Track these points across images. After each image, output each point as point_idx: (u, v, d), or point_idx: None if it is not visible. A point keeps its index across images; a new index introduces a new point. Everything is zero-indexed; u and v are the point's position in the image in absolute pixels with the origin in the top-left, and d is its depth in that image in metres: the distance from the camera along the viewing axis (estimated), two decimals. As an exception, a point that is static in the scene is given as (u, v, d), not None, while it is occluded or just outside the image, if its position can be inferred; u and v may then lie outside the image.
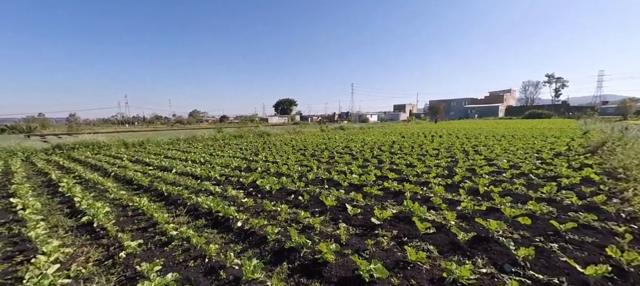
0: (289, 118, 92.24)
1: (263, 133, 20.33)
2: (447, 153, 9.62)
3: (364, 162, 8.33)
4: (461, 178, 5.87)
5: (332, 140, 15.82)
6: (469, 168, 6.96)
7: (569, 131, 17.46)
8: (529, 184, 5.43)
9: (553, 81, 78.78)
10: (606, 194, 4.70)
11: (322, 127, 27.99)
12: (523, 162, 7.38)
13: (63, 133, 34.41)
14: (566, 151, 9.16)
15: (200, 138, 16.50)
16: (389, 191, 5.17)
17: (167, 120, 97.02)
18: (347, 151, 10.76)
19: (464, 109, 75.56)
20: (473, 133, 18.63)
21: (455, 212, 3.93)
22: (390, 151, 10.50)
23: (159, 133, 28.20)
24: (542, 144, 11.19)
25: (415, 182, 5.73)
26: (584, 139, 12.28)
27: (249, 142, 15.52)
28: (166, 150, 12.42)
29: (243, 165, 8.01)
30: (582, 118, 31.71)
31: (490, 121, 42.89)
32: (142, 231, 3.49)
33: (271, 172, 6.92)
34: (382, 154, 9.53)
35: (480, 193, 4.88)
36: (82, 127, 49.25)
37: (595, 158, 7.76)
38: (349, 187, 5.51)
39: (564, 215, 3.84)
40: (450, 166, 7.31)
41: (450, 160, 8.22)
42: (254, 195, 5.13)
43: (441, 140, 14.29)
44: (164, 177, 6.49)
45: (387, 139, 15.40)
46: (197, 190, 5.38)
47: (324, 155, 9.78)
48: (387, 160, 8.27)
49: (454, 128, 25.90)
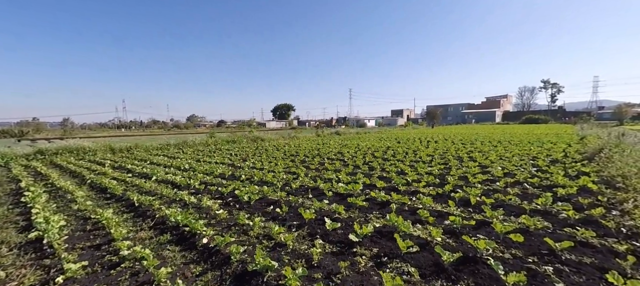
0: (286, 123, 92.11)
1: (257, 138, 20.01)
2: (441, 159, 9.34)
3: (354, 169, 8.03)
4: (453, 187, 5.58)
5: (326, 145, 15.53)
6: (462, 176, 6.68)
7: (565, 137, 17.29)
8: (524, 194, 5.15)
9: (549, 87, 79.31)
10: (605, 205, 4.42)
11: (317, 132, 27.72)
12: (518, 170, 7.11)
13: (55, 138, 33.85)
14: (562, 158, 8.92)
15: (191, 143, 16.15)
16: (375, 201, 4.86)
17: (164, 125, 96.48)
18: (339, 157, 10.46)
19: (461, 114, 75.71)
20: (469, 138, 18.42)
21: (443, 226, 3.62)
22: (383, 157, 10.21)
23: (153, 138, 27.80)
24: (539, 150, 10.95)
25: (404, 192, 5.43)
26: (580, 145, 12.06)
27: (241, 148, 15.20)
28: (154, 155, 12.06)
29: (228, 172, 7.68)
30: (579, 124, 31.68)
31: (487, 126, 42.85)
32: (95, 249, 3.15)
33: (255, 180, 6.60)
34: (374, 161, 9.24)
35: (471, 205, 4.58)
36: (76, 132, 48.67)
37: (593, 165, 7.51)
38: (333, 196, 5.20)
39: (560, 230, 3.55)
40: (442, 174, 7.02)
41: (444, 167, 7.94)
42: (232, 205, 4.81)
43: (436, 145, 14.04)
44: (141, 186, 6.15)
45: (381, 145, 15.14)
46: (171, 201, 5.05)
47: (314, 161, 9.48)
48: (379, 167, 7.98)
49: (450, 133, 25.71)
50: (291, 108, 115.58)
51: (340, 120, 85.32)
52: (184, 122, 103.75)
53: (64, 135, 43.68)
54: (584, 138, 15.43)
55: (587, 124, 28.31)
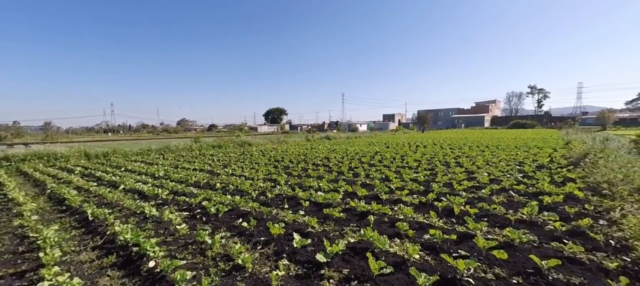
0: (278, 127, 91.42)
1: (244, 143, 19.52)
2: (428, 165, 9.14)
3: (337, 175, 7.72)
4: (437, 195, 5.32)
5: (315, 150, 15.20)
6: (447, 182, 6.45)
7: (551, 141, 17.47)
8: (509, 202, 4.93)
9: (535, 92, 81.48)
10: (592, 214, 4.23)
11: (307, 137, 27.38)
12: (504, 176, 6.93)
13: (35, 143, 32.41)
14: (548, 163, 8.84)
15: (175, 148, 15.56)
16: (354, 212, 4.54)
17: (153, 129, 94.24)
18: (325, 163, 10.14)
19: (451, 119, 76.81)
20: (458, 143, 18.42)
21: (422, 241, 3.33)
22: (369, 163, 9.95)
23: (137, 142, 26.89)
24: (525, 155, 10.90)
25: (386, 200, 5.14)
26: (566, 150, 12.11)
27: (226, 153, 14.71)
28: (131, 162, 11.48)
29: (204, 179, 7.25)
30: (564, 129, 32.37)
31: (476, 131, 43.43)
32: (17, 277, 2.71)
33: (230, 189, 6.20)
34: (360, 166, 8.96)
35: (454, 215, 4.32)
36: (58, 136, 46.87)
37: (578, 170, 7.41)
38: (310, 207, 4.85)
39: (547, 243, 3.30)
40: (428, 180, 6.78)
41: (430, 173, 7.72)
42: (198, 218, 4.40)
43: (425, 150, 13.90)
44: (104, 196, 5.66)
45: (370, 149, 14.91)
46: (131, 214, 4.60)
47: (298, 167, 9.13)
48: (363, 174, 7.69)
49: (440, 138, 25.79)
50: (283, 113, 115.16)
51: (333, 124, 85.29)
52: (174, 126, 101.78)
53: (45, 139, 42.02)
54: (569, 143, 15.60)
55: (572, 129, 28.94)
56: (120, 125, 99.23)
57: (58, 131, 78.97)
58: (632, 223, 3.61)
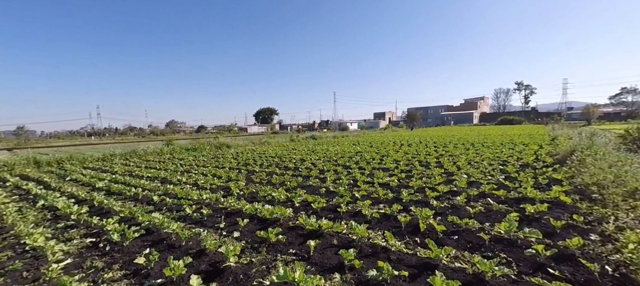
0: (268, 127, 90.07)
1: (222, 145, 18.47)
2: (406, 166, 8.41)
3: (304, 180, 6.89)
4: (405, 204, 4.56)
5: (294, 151, 14.36)
6: (421, 187, 5.70)
7: (537, 137, 17.10)
8: (487, 212, 4.20)
9: (522, 88, 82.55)
10: (581, 228, 3.52)
11: (292, 137, 26.49)
12: (485, 179, 6.24)
13: (3, 149, 30.44)
14: (533, 161, 8.22)
15: (142, 152, 14.42)
16: (300, 232, 3.72)
17: (141, 131, 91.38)
18: (297, 166, 9.30)
19: (441, 116, 77.10)
20: (445, 140, 17.86)
21: (367, 279, 2.53)
22: (345, 165, 9.16)
23: (118, 145, 25.46)
24: (510, 153, 10.31)
25: (345, 214, 4.34)
26: (552, 146, 11.61)
27: (197, 156, 13.69)
28: (86, 168, 10.38)
29: (146, 191, 6.31)
30: (550, 124, 32.43)
31: (465, 128, 43.38)
32: None
33: (167, 203, 5.29)
34: (331, 170, 8.15)
35: (419, 231, 3.55)
36: (32, 141, 44.47)
37: (565, 170, 6.80)
38: (250, 225, 4.01)
39: (527, 275, 2.55)
40: (401, 185, 6.02)
41: (405, 176, 6.98)
42: (100, 247, 3.49)
43: (408, 149, 13.21)
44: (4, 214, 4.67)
45: (352, 149, 14.15)
46: (8, 246, 3.65)
47: (266, 171, 8.27)
48: (331, 178, 6.88)
49: (427, 135, 25.30)
50: (274, 112, 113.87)
51: (323, 123, 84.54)
52: (162, 128, 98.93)
53: (18, 145, 39.80)
54: (555, 139, 15.21)
55: (558, 124, 28.92)
56: (106, 128, 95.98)
57: (38, 135, 75.62)
58: (632, 240, 2.90)
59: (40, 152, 19.29)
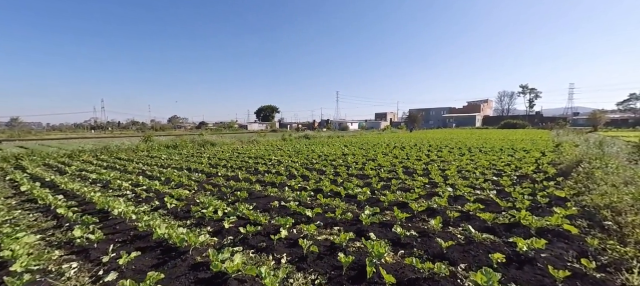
0: (268, 125, 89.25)
1: (206, 143, 17.57)
2: (389, 173, 7.40)
3: (263, 188, 5.91)
4: (364, 228, 3.57)
5: (280, 151, 13.43)
6: (392, 204, 4.71)
7: (540, 143, 15.96)
8: (465, 244, 3.19)
9: (527, 92, 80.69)
10: (593, 278, 2.51)
11: (284, 136, 25.53)
12: (473, 193, 5.22)
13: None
14: (533, 172, 7.17)
15: (115, 149, 13.54)
16: (198, 275, 2.75)
17: (143, 126, 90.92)
18: (270, 168, 8.32)
19: (443, 118, 75.69)
20: (442, 144, 16.79)
21: None
22: (320, 170, 8.17)
23: (111, 139, 24.74)
24: (509, 160, 9.26)
25: (282, 242, 3.36)
26: (555, 154, 10.52)
27: (176, 154, 12.77)
28: (40, 165, 9.51)
29: (77, 194, 5.38)
30: (555, 129, 31.11)
31: (466, 131, 42.12)
32: None
33: (89, 221, 4.33)
34: (304, 174, 7.18)
35: (365, 279, 2.56)
36: (26, 134, 43.99)
37: (569, 184, 5.77)
38: (135, 262, 3.04)
39: None
40: (370, 199, 5.03)
41: (382, 186, 5.97)
42: None
43: (399, 153, 12.18)
44: None
45: (338, 151, 13.14)
46: None
47: (226, 175, 7.32)
48: (296, 187, 5.91)
49: (425, 138, 24.22)
50: (275, 110, 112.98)
51: (323, 123, 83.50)
52: (164, 123, 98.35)
53: (11, 137, 39.27)
54: (559, 145, 14.09)
55: (563, 130, 27.61)
56: (109, 122, 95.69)
57: (43, 127, 75.18)
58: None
59: (24, 145, 18.54)
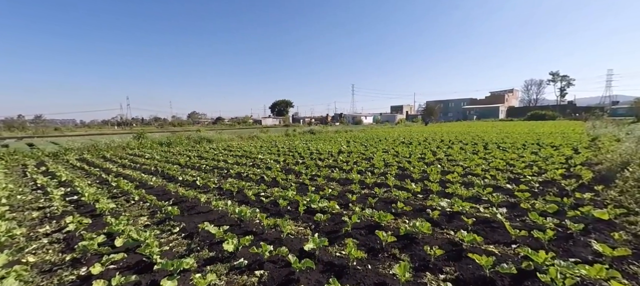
0: (282, 120, 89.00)
1: (201, 139, 16.99)
2: (379, 177, 6.14)
3: (209, 197, 4.91)
4: (295, 275, 2.44)
5: (274, 148, 12.49)
6: (366, 224, 3.51)
7: (572, 137, 13.80)
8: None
9: (558, 79, 73.79)
10: None
11: (287, 131, 24.57)
12: (473, 209, 3.89)
13: (11, 137, 31.25)
14: (561, 177, 5.61)
15: (104, 147, 13.16)
16: None
17: (164, 122, 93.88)
18: (247, 172, 7.34)
19: (463, 110, 71.51)
20: (456, 138, 15.07)
21: None
22: (298, 171, 7.06)
23: (111, 136, 25.10)
24: (532, 159, 7.66)
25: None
26: (592, 151, 8.69)
27: (167, 152, 12.17)
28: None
29: None
30: (590, 120, 27.72)
31: (487, 123, 39.13)
32: None
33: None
34: (276, 178, 6.11)
35: None
36: (49, 130, 46.32)
37: (613, 194, 4.28)
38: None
39: None
40: (333, 218, 3.87)
41: (363, 194, 4.77)
42: None
43: (405, 149, 10.76)
44: None
45: (336, 149, 11.92)
46: None
47: (194, 177, 6.41)
48: (254, 195, 4.84)
49: (440, 132, 22.31)
50: (289, 105, 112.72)
51: (336, 116, 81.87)
52: (183, 119, 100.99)
53: (35, 133, 41.44)
54: (596, 139, 12.00)
55: (600, 121, 24.41)
56: (134, 119, 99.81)
57: (74, 124, 79.78)
58: None
59: (30, 142, 18.91)
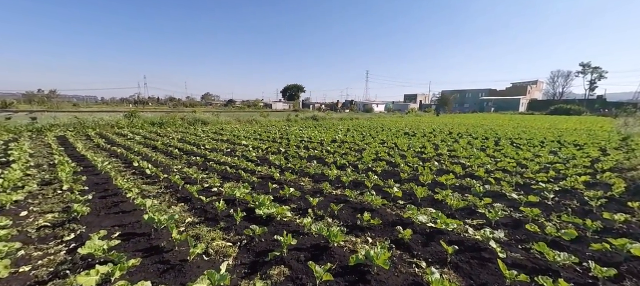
0: (292, 104, 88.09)
1: (196, 121, 16.46)
2: (360, 174, 5.24)
3: (156, 196, 4.20)
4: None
5: (267, 134, 11.75)
6: (305, 247, 2.67)
7: (600, 135, 12.22)
8: None
9: (588, 71, 67.97)
10: None
11: (289, 117, 23.71)
12: (462, 230, 2.96)
13: (26, 110, 32.00)
14: (584, 185, 4.51)
15: (92, 124, 12.80)
16: None
17: (179, 102, 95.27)
18: (211, 158, 6.62)
19: (480, 101, 67.92)
20: (467, 131, 13.78)
21: None
22: (274, 163, 6.26)
23: (113, 114, 25.08)
24: (550, 160, 6.51)
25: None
26: (623, 154, 7.38)
27: (142, 134, 11.67)
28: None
29: None
30: (621, 117, 25.11)
31: (505, 116, 36.75)
32: None
33: None
34: (247, 168, 5.34)
35: None
36: (63, 105, 47.47)
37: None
38: None
39: None
40: (274, 235, 3.05)
41: (324, 200, 3.91)
42: None
43: (405, 142, 9.71)
44: None
45: (330, 138, 11.02)
46: None
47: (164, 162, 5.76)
48: (197, 192, 4.09)
49: (451, 123, 20.85)
50: (301, 89, 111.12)
51: (347, 103, 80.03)
52: (197, 100, 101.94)
53: (50, 108, 42.57)
54: (627, 139, 10.45)
55: (633, 118, 21.95)
56: (150, 97, 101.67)
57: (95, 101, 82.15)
58: None
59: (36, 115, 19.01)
